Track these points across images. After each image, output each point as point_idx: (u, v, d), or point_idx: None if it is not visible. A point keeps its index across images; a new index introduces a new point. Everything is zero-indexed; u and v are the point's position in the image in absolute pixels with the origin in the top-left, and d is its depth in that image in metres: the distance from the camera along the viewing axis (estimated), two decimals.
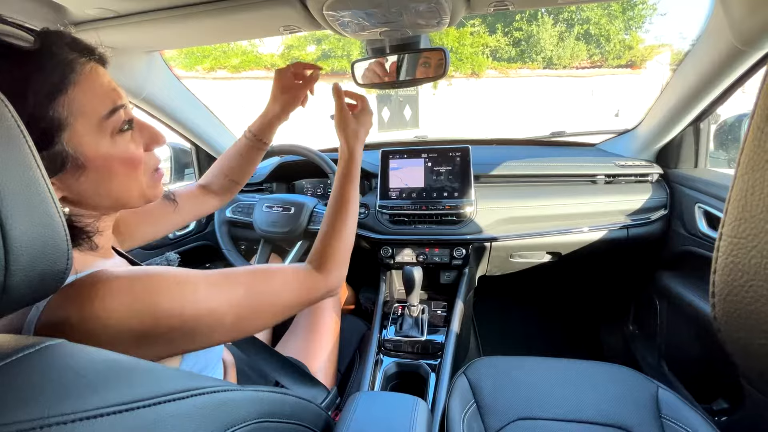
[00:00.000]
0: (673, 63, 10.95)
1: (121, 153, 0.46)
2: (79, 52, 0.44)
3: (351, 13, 0.73)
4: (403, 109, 11.30)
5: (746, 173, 0.22)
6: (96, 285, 0.39)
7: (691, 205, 1.10)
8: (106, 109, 0.44)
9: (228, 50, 10.30)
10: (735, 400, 0.97)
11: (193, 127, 1.32)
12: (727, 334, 0.24)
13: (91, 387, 0.27)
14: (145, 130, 0.51)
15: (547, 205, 1.22)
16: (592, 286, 1.67)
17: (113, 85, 0.47)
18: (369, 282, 1.55)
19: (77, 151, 0.42)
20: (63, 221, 0.33)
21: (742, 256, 0.22)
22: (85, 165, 0.43)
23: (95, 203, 0.47)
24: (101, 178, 0.45)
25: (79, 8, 0.75)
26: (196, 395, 0.33)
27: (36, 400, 0.24)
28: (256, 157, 0.85)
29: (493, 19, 12.09)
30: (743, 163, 0.22)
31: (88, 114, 0.43)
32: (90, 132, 0.43)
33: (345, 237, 0.68)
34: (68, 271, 0.33)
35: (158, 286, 0.42)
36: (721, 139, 1.23)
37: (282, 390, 0.48)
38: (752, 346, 0.22)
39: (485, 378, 0.83)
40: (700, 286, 1.08)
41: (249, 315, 0.50)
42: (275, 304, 0.54)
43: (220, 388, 0.36)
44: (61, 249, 0.32)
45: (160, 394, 0.30)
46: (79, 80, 0.42)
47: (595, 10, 12.10)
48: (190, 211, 0.82)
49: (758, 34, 0.76)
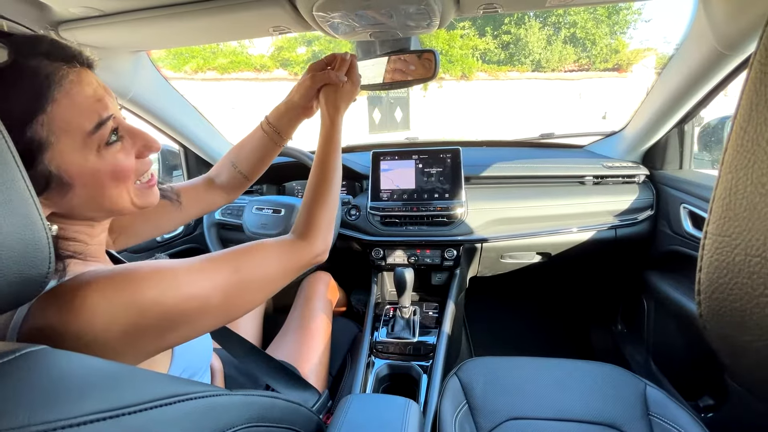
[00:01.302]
0: (658, 67, 11.20)
1: (109, 166, 0.44)
2: (60, 61, 0.41)
3: (341, 15, 0.73)
4: (394, 111, 11.33)
5: (730, 172, 0.22)
6: (78, 286, 0.38)
7: (676, 205, 1.13)
8: (91, 124, 0.42)
9: (217, 51, 10.21)
10: (720, 396, 0.99)
11: (181, 128, 1.30)
12: (713, 331, 0.25)
13: (75, 393, 0.27)
14: (138, 137, 0.48)
15: (537, 206, 1.23)
16: (582, 286, 1.69)
17: (99, 95, 0.43)
18: (360, 284, 1.55)
19: (61, 170, 0.40)
20: (45, 224, 0.32)
21: (727, 254, 0.22)
22: (71, 182, 0.42)
23: (86, 216, 0.46)
24: (90, 192, 0.43)
25: (63, 7, 0.73)
26: (183, 401, 0.32)
27: (18, 408, 0.23)
28: (272, 153, 0.79)
29: (482, 22, 12.22)
30: (727, 162, 0.23)
31: (71, 131, 0.40)
32: (74, 149, 0.41)
33: (328, 203, 0.66)
34: (50, 275, 0.32)
35: (138, 277, 0.41)
36: (704, 141, 1.25)
37: (272, 394, 0.47)
38: (737, 342, 0.23)
39: (476, 379, 0.84)
40: (687, 285, 1.10)
41: (236, 293, 0.49)
42: (261, 277, 0.52)
43: (208, 393, 0.35)
44: (42, 252, 0.31)
45: (146, 401, 0.30)
46: (60, 95, 0.40)
47: (581, 14, 12.32)
48: (194, 206, 0.77)
49: (740, 39, 0.78)
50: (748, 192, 0.21)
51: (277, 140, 0.76)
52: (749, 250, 0.21)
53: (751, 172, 0.21)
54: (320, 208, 0.64)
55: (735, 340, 0.23)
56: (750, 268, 0.21)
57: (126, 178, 0.46)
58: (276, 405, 0.46)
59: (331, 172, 0.68)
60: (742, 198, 0.21)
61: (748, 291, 0.21)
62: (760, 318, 0.20)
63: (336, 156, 0.69)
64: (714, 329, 0.24)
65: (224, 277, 0.48)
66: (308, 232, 0.62)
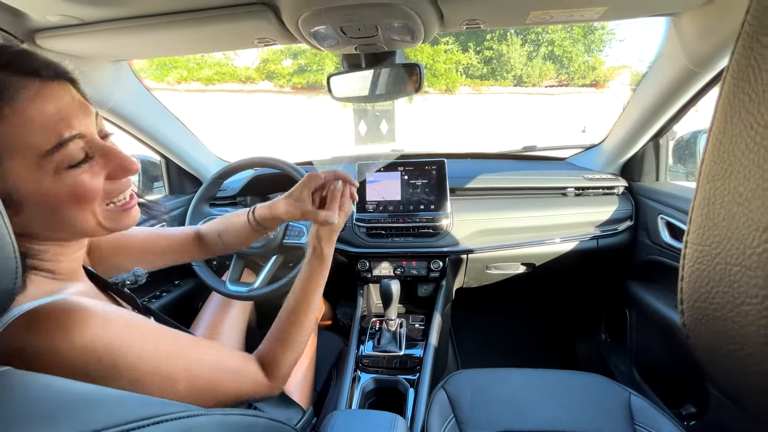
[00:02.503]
0: (633, 83, 11.68)
1: (68, 188, 0.40)
2: (22, 74, 0.38)
3: (326, 28, 0.73)
4: (379, 123, 11.43)
5: (707, 183, 0.23)
6: (63, 314, 0.36)
7: (654, 216, 1.16)
8: (48, 144, 0.38)
9: (201, 62, 10.15)
10: (702, 404, 1.00)
11: (163, 139, 1.28)
12: (697, 340, 0.25)
13: (42, 417, 0.25)
14: (111, 157, 0.44)
15: (521, 217, 1.25)
16: (566, 296, 1.71)
17: (64, 113, 0.40)
18: (346, 296, 1.53)
19: (11, 189, 0.38)
20: (12, 237, 0.30)
21: (707, 263, 0.23)
22: (22, 203, 0.39)
23: (45, 236, 0.43)
24: (44, 213, 0.40)
25: (40, 15, 0.71)
26: (157, 422, 0.31)
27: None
28: (253, 238, 0.80)
29: (465, 38, 12.54)
30: (704, 173, 0.23)
31: (21, 151, 0.37)
32: (26, 169, 0.38)
33: (298, 345, 0.62)
34: (16, 290, 0.31)
35: (130, 331, 0.40)
36: (678, 154, 1.30)
37: (254, 412, 0.45)
38: (720, 351, 0.23)
39: (463, 392, 0.83)
40: (667, 294, 1.12)
41: (203, 387, 0.46)
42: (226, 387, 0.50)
43: (184, 414, 0.34)
44: (9, 267, 0.30)
45: (118, 423, 0.28)
46: (11, 112, 0.36)
47: (559, 32, 12.78)
48: (178, 254, 0.79)
49: (709, 57, 0.82)
50: (726, 201, 0.21)
51: (260, 231, 0.77)
52: (729, 259, 0.21)
53: (728, 182, 0.21)
54: (288, 349, 0.60)
55: (718, 349, 0.23)
56: (731, 276, 0.21)
57: (89, 201, 0.42)
58: (258, 424, 0.44)
59: (309, 315, 0.64)
60: (720, 207, 0.22)
61: (730, 300, 0.21)
62: (742, 327, 0.20)
63: (317, 295, 0.65)
64: (697, 338, 0.25)
65: (203, 366, 0.46)
66: (272, 370, 0.58)
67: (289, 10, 0.69)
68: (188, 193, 1.47)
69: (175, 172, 1.45)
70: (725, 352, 0.22)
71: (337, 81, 0.95)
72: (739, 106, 0.20)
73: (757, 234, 0.19)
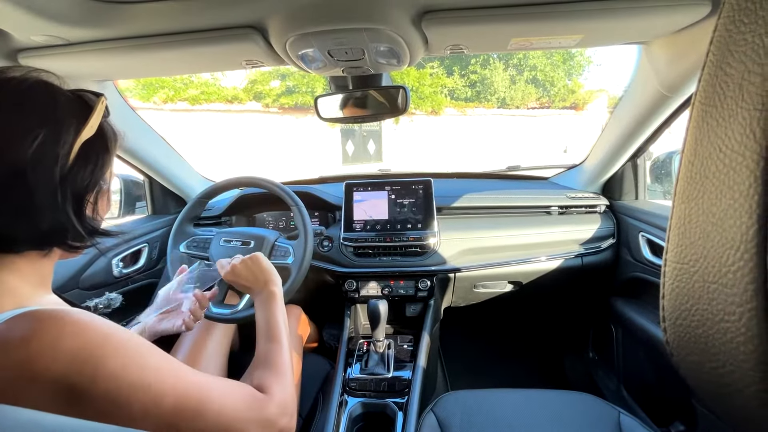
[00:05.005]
0: (610, 106, 12.18)
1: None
2: None
3: (314, 51, 0.74)
4: (367, 144, 11.56)
5: (683, 203, 0.24)
6: (49, 321, 0.36)
7: (635, 233, 1.18)
8: None
9: (188, 82, 10.15)
10: (690, 421, 1.00)
11: (147, 158, 1.26)
12: (680, 358, 0.25)
13: None
14: None
15: (507, 236, 1.26)
16: (554, 314, 1.71)
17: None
18: (333, 317, 1.50)
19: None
20: None
21: (687, 281, 0.23)
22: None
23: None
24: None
25: (24, 35, 0.71)
26: None
27: None
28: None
29: (450, 62, 12.94)
30: (679, 193, 0.24)
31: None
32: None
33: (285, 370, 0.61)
34: None
35: (116, 339, 0.39)
36: (655, 173, 1.35)
37: None
38: (703, 368, 0.23)
39: (453, 414, 0.81)
40: (651, 311, 1.14)
41: (191, 408, 0.43)
42: (218, 408, 0.46)
43: None
44: None
45: None
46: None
47: (540, 58, 13.36)
48: None
49: (679, 82, 0.86)
50: (701, 221, 0.22)
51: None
52: (707, 276, 0.21)
53: (702, 202, 0.22)
54: (276, 374, 0.59)
55: (700, 366, 0.23)
56: (709, 294, 0.21)
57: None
58: None
59: (280, 331, 0.66)
60: (696, 226, 0.22)
61: (709, 317, 0.21)
62: (723, 344, 0.21)
63: (281, 311, 0.70)
64: (680, 355, 0.25)
65: (189, 385, 0.44)
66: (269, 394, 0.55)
67: (277, 34, 0.70)
68: (172, 212, 1.45)
69: (159, 191, 1.43)
70: (707, 369, 0.23)
71: (324, 102, 0.96)
72: (708, 130, 0.21)
73: (731, 252, 0.20)
